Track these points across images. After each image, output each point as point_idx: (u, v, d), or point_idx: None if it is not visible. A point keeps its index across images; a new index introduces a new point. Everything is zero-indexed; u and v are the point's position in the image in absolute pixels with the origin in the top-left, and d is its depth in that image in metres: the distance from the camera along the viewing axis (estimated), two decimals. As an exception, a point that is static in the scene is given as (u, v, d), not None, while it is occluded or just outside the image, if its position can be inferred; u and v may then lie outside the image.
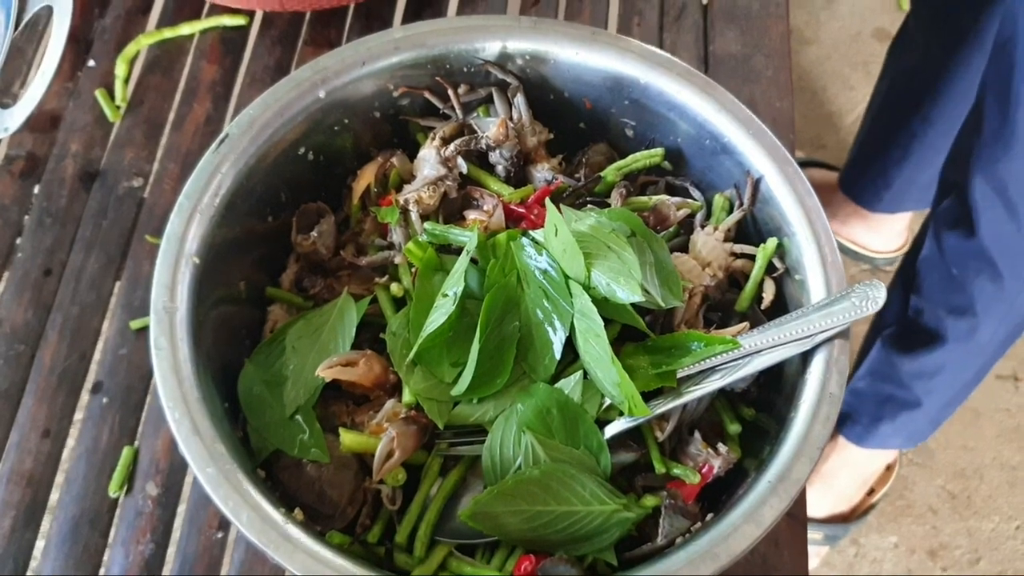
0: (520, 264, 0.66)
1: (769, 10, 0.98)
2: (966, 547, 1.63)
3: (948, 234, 1.19)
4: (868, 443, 1.51)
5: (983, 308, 1.20)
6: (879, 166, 1.66)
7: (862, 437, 1.50)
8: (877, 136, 1.63)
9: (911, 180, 1.63)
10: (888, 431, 1.46)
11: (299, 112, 0.71)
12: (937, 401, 1.39)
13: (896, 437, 1.48)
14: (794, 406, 0.62)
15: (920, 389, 1.37)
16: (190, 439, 0.59)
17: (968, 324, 1.23)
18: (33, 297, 0.83)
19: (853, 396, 1.49)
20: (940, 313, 1.26)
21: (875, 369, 1.42)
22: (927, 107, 1.47)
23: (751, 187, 0.70)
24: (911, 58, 1.47)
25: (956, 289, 1.21)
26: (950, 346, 1.27)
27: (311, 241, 0.73)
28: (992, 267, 1.14)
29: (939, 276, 1.25)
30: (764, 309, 0.69)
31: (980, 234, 1.12)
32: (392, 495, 0.65)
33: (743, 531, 0.57)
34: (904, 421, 1.43)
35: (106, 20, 0.98)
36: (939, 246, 1.22)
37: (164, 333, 0.62)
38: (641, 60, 0.73)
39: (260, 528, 0.57)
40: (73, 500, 0.75)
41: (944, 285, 1.24)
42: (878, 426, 1.46)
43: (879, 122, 1.62)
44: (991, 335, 1.24)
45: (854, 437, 1.52)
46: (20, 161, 0.90)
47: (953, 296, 1.23)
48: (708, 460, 0.66)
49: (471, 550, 0.65)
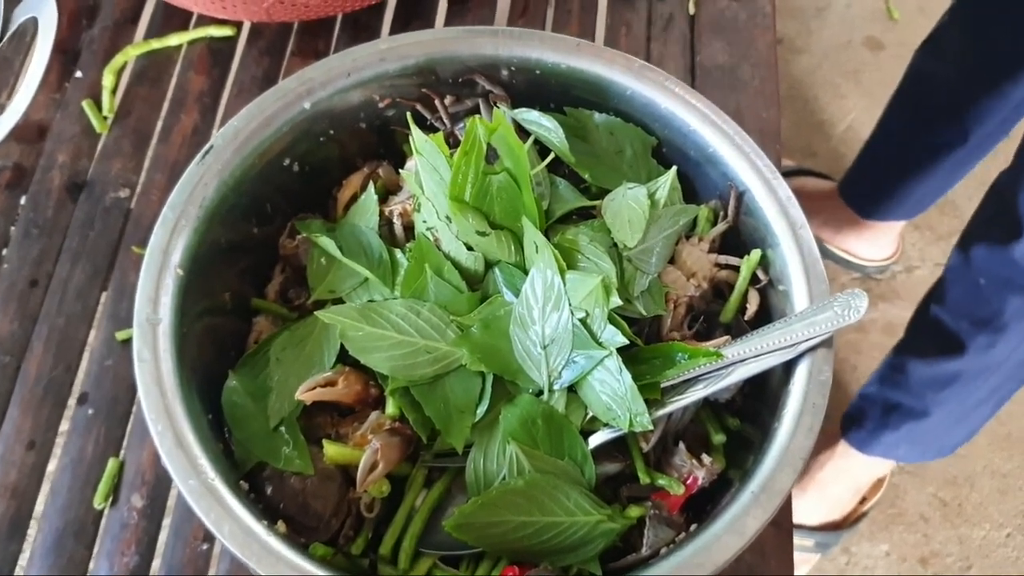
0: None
1: (756, 20, 0.99)
2: (957, 555, 1.63)
3: (979, 245, 1.19)
4: (870, 450, 1.50)
5: (1008, 322, 1.19)
6: (884, 175, 1.65)
7: (865, 443, 1.49)
8: (890, 145, 1.62)
9: (911, 192, 1.63)
10: (891, 440, 1.45)
11: (284, 123, 0.71)
12: (946, 415, 1.38)
13: (899, 447, 1.47)
14: (777, 416, 0.62)
15: (930, 399, 1.36)
16: (173, 452, 0.59)
17: (989, 337, 1.22)
18: (19, 308, 0.83)
19: (861, 400, 1.49)
20: (963, 324, 1.25)
21: (886, 375, 1.42)
22: (949, 123, 1.46)
23: (735, 200, 0.70)
24: (941, 70, 1.44)
25: (982, 301, 1.21)
26: (968, 357, 1.26)
27: (295, 243, 0.73)
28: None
29: (965, 287, 1.24)
30: (748, 320, 0.69)
31: (1018, 246, 1.11)
32: (371, 503, 0.65)
33: (726, 541, 0.57)
34: (909, 431, 1.42)
35: (94, 31, 0.98)
36: (966, 256, 1.22)
37: (147, 345, 0.62)
38: (626, 70, 0.73)
39: (243, 541, 0.57)
40: (58, 512, 0.75)
41: (970, 296, 1.23)
42: (882, 433, 1.45)
43: (894, 133, 1.60)
44: (1010, 351, 1.23)
45: (856, 442, 1.51)
46: (6, 172, 0.90)
47: (978, 307, 1.22)
48: (692, 471, 0.66)
49: (456, 561, 0.65)
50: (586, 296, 0.62)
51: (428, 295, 0.67)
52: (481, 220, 0.66)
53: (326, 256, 0.72)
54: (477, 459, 0.64)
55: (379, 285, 0.69)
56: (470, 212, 0.66)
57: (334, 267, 0.72)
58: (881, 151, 1.65)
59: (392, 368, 0.65)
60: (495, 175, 0.66)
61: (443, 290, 0.67)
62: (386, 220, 0.73)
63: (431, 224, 0.69)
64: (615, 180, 0.72)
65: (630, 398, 0.62)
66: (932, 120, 1.49)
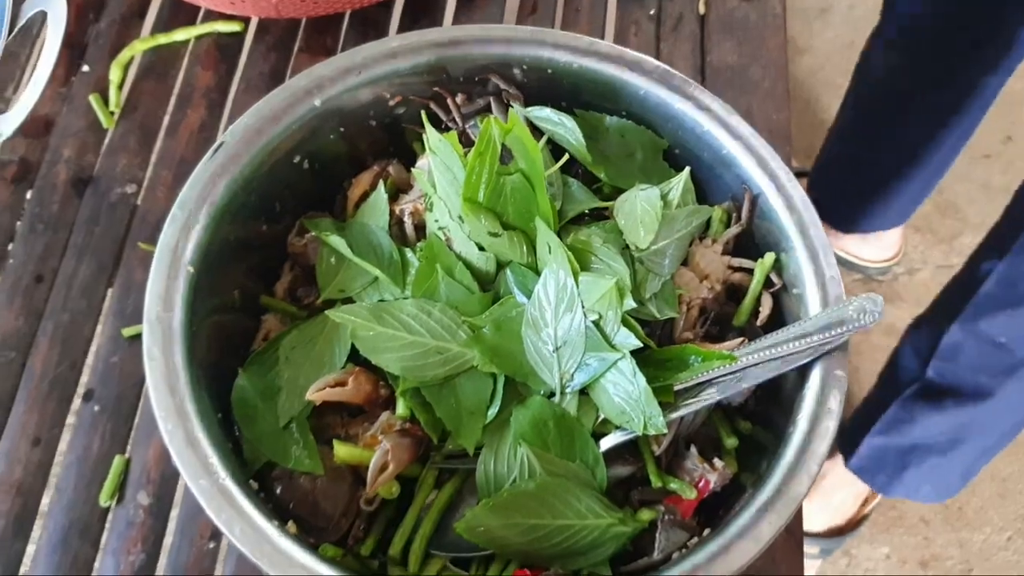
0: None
1: (767, 21, 0.98)
2: (957, 558, 1.63)
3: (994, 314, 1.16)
4: (894, 492, 1.47)
5: None
6: (848, 192, 1.62)
7: (887, 487, 1.47)
8: (843, 160, 1.59)
9: (887, 202, 1.61)
10: (914, 480, 1.42)
11: (294, 120, 0.71)
12: (971, 451, 1.35)
13: (925, 486, 1.43)
14: (792, 421, 0.61)
15: (949, 438, 1.33)
16: (183, 450, 0.59)
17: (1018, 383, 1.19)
18: (24, 304, 0.83)
19: (871, 451, 1.44)
20: (981, 377, 1.21)
21: (893, 426, 1.38)
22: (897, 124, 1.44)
23: (749, 203, 0.70)
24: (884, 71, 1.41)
25: (1005, 353, 1.17)
26: (992, 401, 1.23)
27: (304, 242, 0.73)
28: None
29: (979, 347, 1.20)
30: (761, 324, 0.69)
31: None
32: (372, 498, 0.64)
33: (741, 547, 0.57)
34: (933, 467, 1.38)
35: (101, 25, 0.97)
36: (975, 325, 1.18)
37: (157, 343, 0.62)
38: (639, 71, 0.72)
39: (254, 541, 0.56)
40: (63, 509, 0.75)
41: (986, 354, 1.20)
42: (903, 475, 1.42)
43: (847, 144, 1.57)
44: None
45: (878, 487, 1.48)
46: (12, 166, 0.89)
47: (999, 360, 1.19)
48: (704, 475, 0.66)
49: (466, 563, 0.64)
50: (600, 298, 0.61)
51: (439, 295, 0.67)
52: (494, 221, 0.65)
53: (336, 255, 0.71)
54: (488, 460, 0.64)
55: (389, 285, 0.69)
56: (483, 212, 0.65)
57: (344, 266, 0.71)
58: (839, 169, 1.61)
59: (403, 369, 0.64)
60: (509, 175, 0.65)
61: (455, 291, 0.67)
62: (397, 219, 0.73)
63: (443, 224, 0.68)
64: (628, 182, 0.72)
65: (644, 401, 0.61)
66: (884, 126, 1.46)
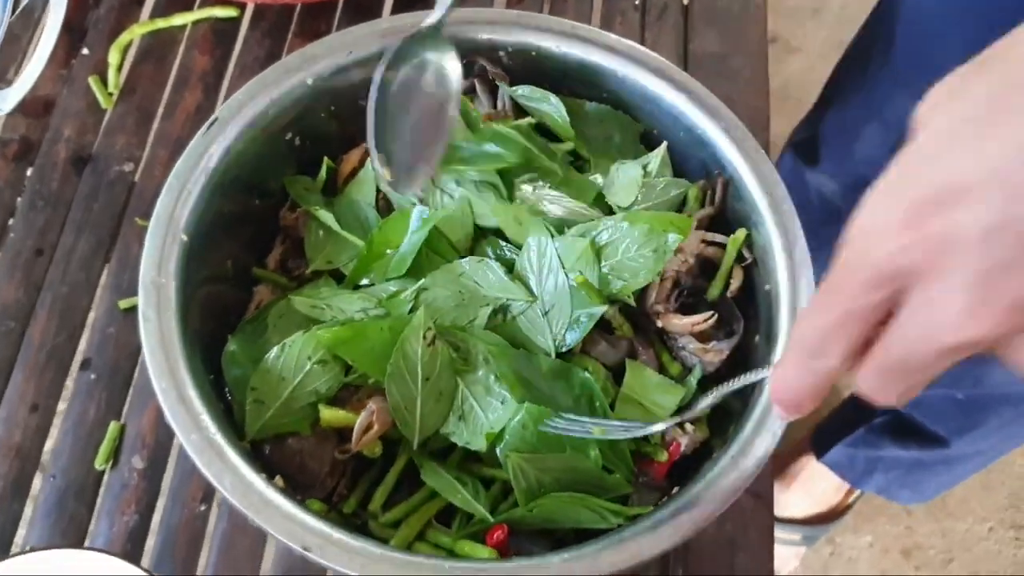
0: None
1: (749, 12, 1.01)
2: (940, 547, 1.65)
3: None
4: (868, 488, 1.48)
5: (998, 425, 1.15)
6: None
7: (859, 483, 1.48)
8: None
9: None
10: (883, 482, 1.42)
11: (287, 98, 0.73)
12: (934, 478, 1.34)
13: (903, 491, 1.44)
14: (758, 386, 0.64)
15: (912, 466, 1.32)
16: (176, 408, 0.61)
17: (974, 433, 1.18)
18: (24, 276, 0.85)
19: (840, 456, 1.43)
20: (945, 426, 1.20)
21: (860, 445, 1.37)
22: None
23: (721, 187, 0.73)
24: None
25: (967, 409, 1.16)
26: (954, 447, 1.21)
27: (295, 216, 0.75)
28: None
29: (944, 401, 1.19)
30: (732, 295, 0.72)
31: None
32: (347, 450, 0.66)
33: (705, 502, 0.60)
34: (901, 478, 1.39)
35: (100, 10, 1.00)
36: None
37: (152, 306, 0.64)
38: (619, 53, 0.75)
39: (243, 492, 0.59)
40: (60, 472, 0.77)
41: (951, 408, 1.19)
42: (872, 476, 1.43)
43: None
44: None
45: (851, 482, 1.49)
46: (13, 144, 0.92)
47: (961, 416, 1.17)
48: (675, 438, 0.68)
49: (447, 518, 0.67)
50: (577, 258, 0.64)
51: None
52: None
53: (324, 228, 0.74)
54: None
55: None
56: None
57: (332, 239, 0.74)
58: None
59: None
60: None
61: (433, 261, 0.70)
62: (383, 194, 0.75)
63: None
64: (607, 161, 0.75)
65: None
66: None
